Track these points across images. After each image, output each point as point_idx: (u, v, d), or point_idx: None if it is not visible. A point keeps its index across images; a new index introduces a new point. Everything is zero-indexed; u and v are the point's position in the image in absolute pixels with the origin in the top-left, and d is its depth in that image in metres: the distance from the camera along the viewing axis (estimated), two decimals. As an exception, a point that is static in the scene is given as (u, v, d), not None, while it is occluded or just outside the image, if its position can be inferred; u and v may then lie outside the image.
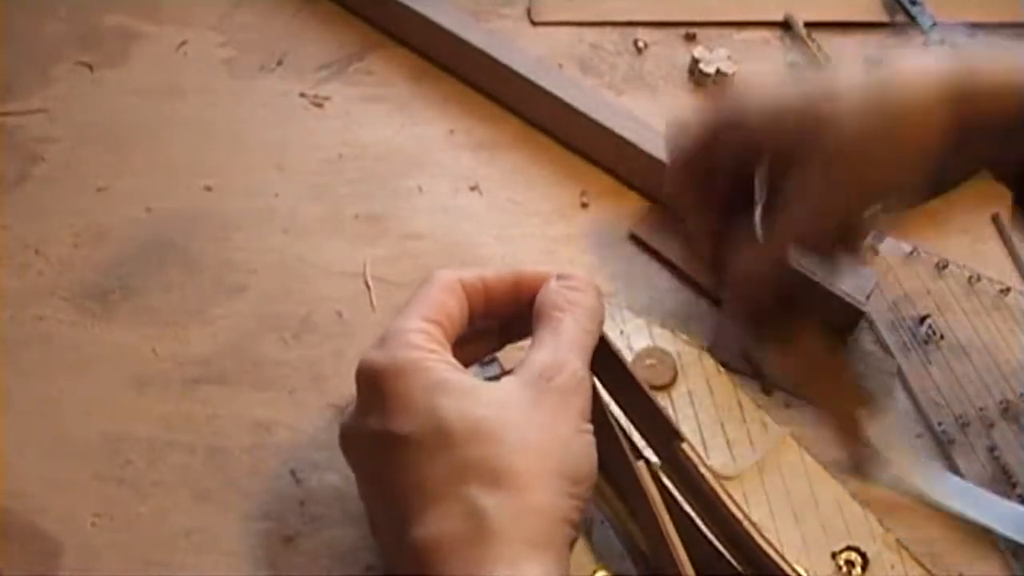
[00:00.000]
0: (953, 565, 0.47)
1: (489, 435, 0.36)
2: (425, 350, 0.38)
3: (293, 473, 0.48)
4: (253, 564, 0.46)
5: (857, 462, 0.48)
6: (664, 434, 0.41)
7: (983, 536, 0.48)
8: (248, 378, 0.51)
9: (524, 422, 0.37)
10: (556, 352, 0.39)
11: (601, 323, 0.41)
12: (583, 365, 0.39)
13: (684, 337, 0.52)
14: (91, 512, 0.47)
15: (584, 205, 0.60)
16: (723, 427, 0.49)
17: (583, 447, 0.38)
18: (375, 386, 0.38)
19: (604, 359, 0.41)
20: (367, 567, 0.46)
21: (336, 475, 0.48)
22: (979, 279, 0.57)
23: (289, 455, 0.49)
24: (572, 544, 0.37)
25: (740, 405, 0.50)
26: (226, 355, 0.52)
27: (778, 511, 0.46)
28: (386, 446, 0.38)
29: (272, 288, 0.55)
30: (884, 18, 0.71)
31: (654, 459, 0.41)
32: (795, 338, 0.48)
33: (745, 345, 0.50)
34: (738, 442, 0.49)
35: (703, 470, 0.40)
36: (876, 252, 0.57)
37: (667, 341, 0.52)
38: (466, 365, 0.40)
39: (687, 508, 0.42)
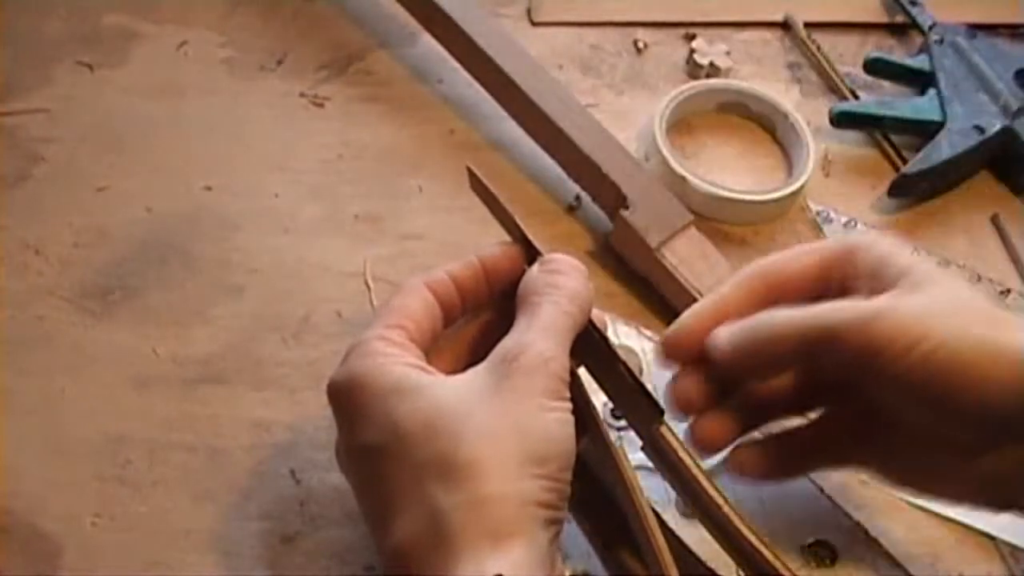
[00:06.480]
0: (953, 565, 0.47)
1: (443, 429, 0.36)
2: (381, 355, 0.38)
3: (293, 473, 0.48)
4: (253, 564, 0.46)
5: None
6: (647, 417, 0.40)
7: (983, 536, 0.48)
8: (248, 378, 0.51)
9: (481, 409, 0.36)
10: (523, 335, 0.38)
11: (585, 306, 0.40)
12: (555, 346, 0.38)
13: (648, 334, 0.52)
14: (91, 512, 0.47)
15: (582, 205, 0.60)
16: None
17: (549, 425, 0.36)
18: (338, 402, 0.39)
19: (589, 344, 0.41)
20: (367, 567, 0.46)
21: (336, 475, 0.47)
22: (979, 280, 0.57)
23: (289, 455, 0.49)
24: (554, 524, 0.36)
25: None
26: (226, 355, 0.52)
27: (746, 505, 0.46)
28: (359, 459, 0.38)
29: (272, 288, 0.55)
30: (884, 18, 0.71)
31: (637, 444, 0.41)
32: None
33: None
34: None
35: (682, 453, 0.40)
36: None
37: (632, 338, 0.52)
38: (484, 354, 0.39)
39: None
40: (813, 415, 0.45)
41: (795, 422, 0.45)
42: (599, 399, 0.41)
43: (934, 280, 0.39)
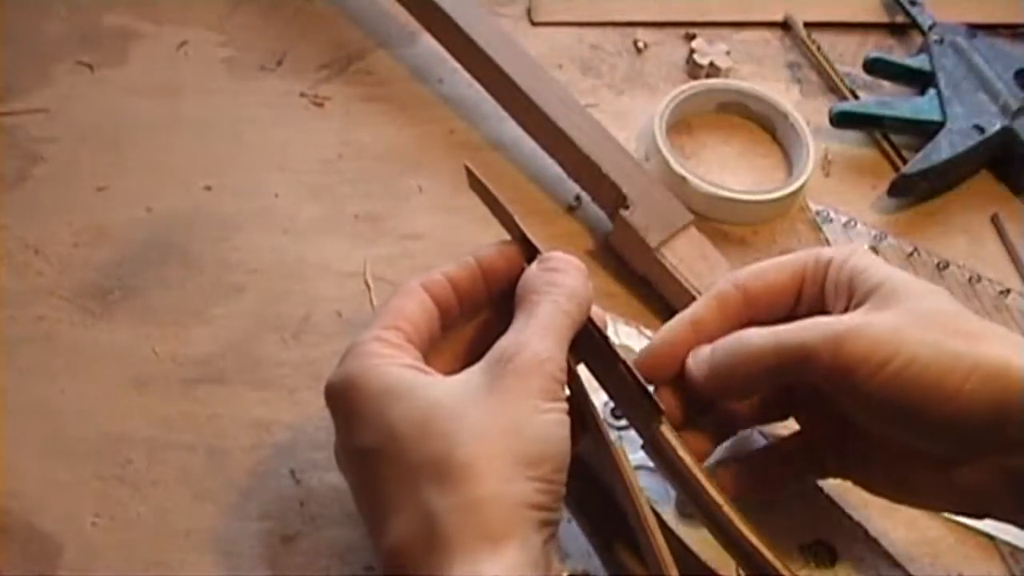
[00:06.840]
0: (953, 565, 0.47)
1: (437, 430, 0.36)
2: (377, 356, 0.38)
3: (293, 473, 0.48)
4: (253, 564, 0.46)
5: None
6: (647, 416, 0.40)
7: (983, 536, 0.48)
8: (248, 378, 0.51)
9: (475, 410, 0.36)
10: (520, 335, 0.38)
11: (585, 304, 0.40)
12: (552, 345, 0.38)
13: (648, 333, 0.52)
14: (91, 512, 0.47)
15: (582, 205, 0.60)
16: None
17: (543, 427, 0.36)
18: (335, 404, 0.39)
19: (589, 343, 0.41)
20: (367, 567, 0.46)
21: (336, 475, 0.47)
22: (979, 280, 0.57)
23: (289, 455, 0.49)
24: (549, 526, 0.36)
25: None
26: (226, 355, 0.52)
27: (745, 505, 0.46)
28: (356, 460, 0.38)
29: (272, 288, 0.55)
30: (884, 18, 0.71)
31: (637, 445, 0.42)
32: None
33: None
34: None
35: (682, 453, 0.40)
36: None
37: (632, 338, 0.52)
38: (482, 354, 0.39)
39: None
40: (788, 431, 0.45)
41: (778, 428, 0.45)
42: (599, 399, 0.41)
43: (908, 293, 0.39)
